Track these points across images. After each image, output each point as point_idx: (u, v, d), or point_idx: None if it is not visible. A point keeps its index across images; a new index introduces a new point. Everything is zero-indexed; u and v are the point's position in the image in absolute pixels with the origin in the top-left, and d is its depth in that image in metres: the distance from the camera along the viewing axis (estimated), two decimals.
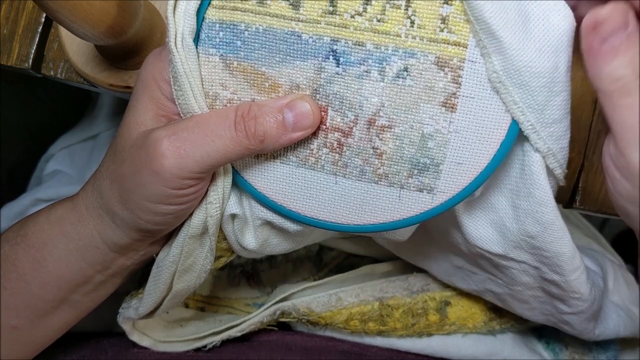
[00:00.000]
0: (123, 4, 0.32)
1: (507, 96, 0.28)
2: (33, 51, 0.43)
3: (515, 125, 0.29)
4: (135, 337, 0.41)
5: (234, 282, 0.49)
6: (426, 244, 0.42)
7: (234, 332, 0.42)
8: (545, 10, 0.28)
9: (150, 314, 0.38)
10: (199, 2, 0.29)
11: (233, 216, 0.34)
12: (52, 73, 0.44)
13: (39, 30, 0.43)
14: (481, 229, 0.35)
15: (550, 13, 0.28)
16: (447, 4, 0.28)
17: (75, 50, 0.40)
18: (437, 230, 0.39)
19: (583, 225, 0.52)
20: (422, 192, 0.31)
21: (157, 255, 0.36)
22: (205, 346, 0.42)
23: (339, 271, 0.47)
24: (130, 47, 0.37)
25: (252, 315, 0.43)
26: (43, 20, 0.43)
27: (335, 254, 0.50)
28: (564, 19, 0.28)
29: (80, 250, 0.34)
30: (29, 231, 0.35)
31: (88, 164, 0.64)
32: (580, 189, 0.42)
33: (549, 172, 0.31)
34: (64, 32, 0.40)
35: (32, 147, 0.70)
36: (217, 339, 0.42)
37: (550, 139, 0.30)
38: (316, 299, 0.43)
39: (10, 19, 0.43)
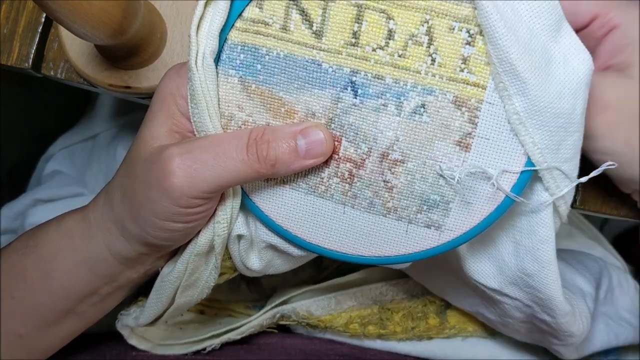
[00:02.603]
0: (123, 4, 0.32)
1: (527, 137, 0.28)
2: (33, 51, 0.43)
3: (527, 172, 0.29)
4: (133, 341, 0.41)
5: (233, 285, 0.49)
6: (423, 265, 0.41)
7: (234, 335, 0.42)
8: (566, 53, 0.28)
9: (150, 324, 0.38)
10: (222, 23, 0.29)
11: (240, 237, 0.34)
12: (52, 73, 0.43)
13: (39, 30, 0.43)
14: (479, 262, 0.35)
15: (570, 56, 0.28)
16: (470, 45, 0.28)
17: (75, 50, 0.40)
18: (433, 260, 0.39)
19: (585, 227, 0.52)
20: (430, 228, 0.31)
21: (162, 268, 0.36)
22: (204, 349, 0.42)
23: (338, 274, 0.47)
24: (130, 47, 0.37)
25: (251, 318, 0.43)
26: (43, 20, 0.43)
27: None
28: (583, 62, 0.28)
29: (89, 262, 0.34)
30: (39, 242, 0.35)
31: (88, 164, 0.64)
32: (580, 189, 0.41)
33: (555, 210, 0.31)
34: (64, 32, 0.40)
35: (32, 147, 0.70)
36: (217, 341, 0.42)
37: (560, 177, 0.30)
38: (316, 302, 0.43)
39: (10, 19, 0.43)
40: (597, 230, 0.51)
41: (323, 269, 0.49)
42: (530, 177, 0.30)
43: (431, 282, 0.43)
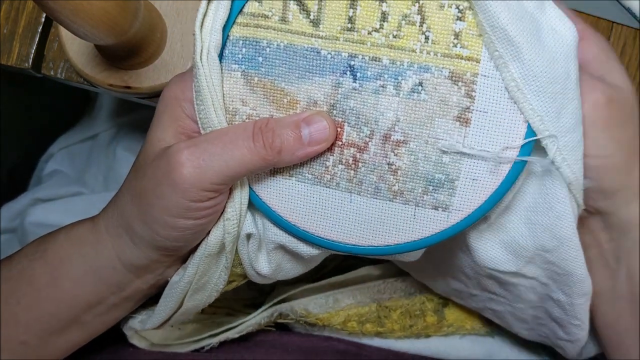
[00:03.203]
0: (123, 4, 0.32)
1: (525, 105, 0.29)
2: (33, 51, 0.43)
3: (528, 143, 0.30)
4: (135, 340, 0.41)
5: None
6: (426, 263, 0.41)
7: (232, 334, 0.42)
8: (552, 22, 0.29)
9: (156, 327, 0.38)
10: (225, 18, 0.30)
11: (248, 236, 0.34)
12: (52, 73, 0.44)
13: (39, 30, 0.43)
14: (492, 250, 0.35)
15: (556, 25, 0.29)
16: (460, 20, 0.29)
17: (75, 50, 0.40)
18: (440, 253, 0.39)
19: None
20: (437, 210, 0.31)
21: (171, 278, 0.35)
22: (202, 348, 0.42)
23: (337, 272, 0.47)
24: (130, 47, 0.37)
25: (249, 317, 0.43)
26: (43, 20, 0.43)
27: (333, 255, 0.50)
28: (570, 31, 0.29)
29: (97, 270, 0.34)
30: (48, 247, 0.35)
31: (87, 164, 0.64)
32: None
33: (570, 192, 0.32)
34: (64, 32, 0.40)
35: (32, 147, 0.70)
36: (215, 340, 0.42)
37: (566, 149, 0.30)
38: (313, 301, 0.43)
39: (10, 19, 0.43)
40: None
41: (321, 268, 0.49)
42: (529, 152, 0.30)
43: (433, 283, 0.43)
